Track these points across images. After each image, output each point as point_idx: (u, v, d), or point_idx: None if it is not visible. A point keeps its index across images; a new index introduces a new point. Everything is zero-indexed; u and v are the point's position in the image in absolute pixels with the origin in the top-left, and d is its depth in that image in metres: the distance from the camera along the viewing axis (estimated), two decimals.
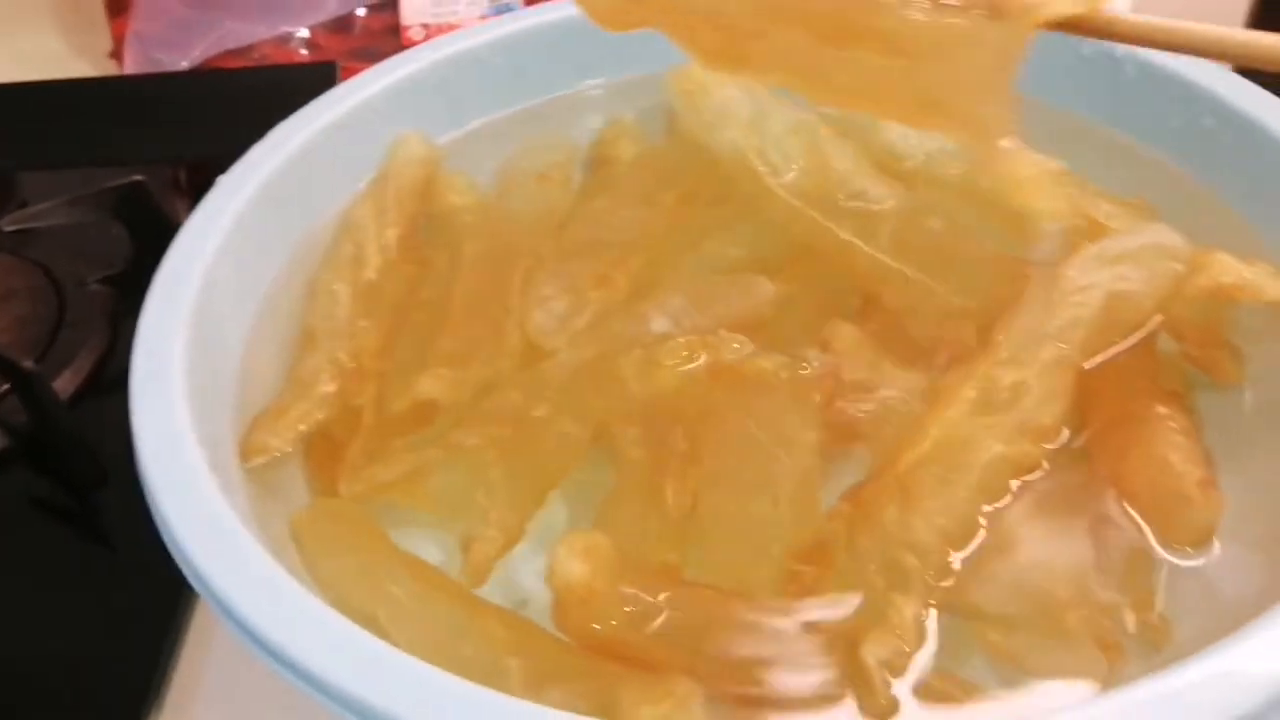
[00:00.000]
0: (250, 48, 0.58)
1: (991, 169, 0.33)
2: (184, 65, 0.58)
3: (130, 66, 0.58)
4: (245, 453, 0.31)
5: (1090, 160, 0.36)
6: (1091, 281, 0.31)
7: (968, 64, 0.28)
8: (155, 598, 0.35)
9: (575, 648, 0.27)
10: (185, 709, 0.33)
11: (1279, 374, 0.31)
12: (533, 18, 0.40)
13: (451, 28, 0.57)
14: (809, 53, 0.29)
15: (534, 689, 0.25)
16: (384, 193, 0.37)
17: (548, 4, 0.41)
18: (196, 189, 0.51)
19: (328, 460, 0.31)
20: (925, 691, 0.26)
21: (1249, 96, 0.34)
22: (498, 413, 0.31)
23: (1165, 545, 0.28)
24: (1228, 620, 0.24)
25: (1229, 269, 0.31)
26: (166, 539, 0.26)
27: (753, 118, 0.36)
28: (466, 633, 0.27)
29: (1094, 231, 0.33)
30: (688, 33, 0.31)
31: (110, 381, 0.43)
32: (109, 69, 0.60)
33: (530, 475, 0.30)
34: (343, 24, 0.58)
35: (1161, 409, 0.30)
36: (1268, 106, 0.34)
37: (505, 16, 0.40)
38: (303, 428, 0.31)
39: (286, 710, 0.31)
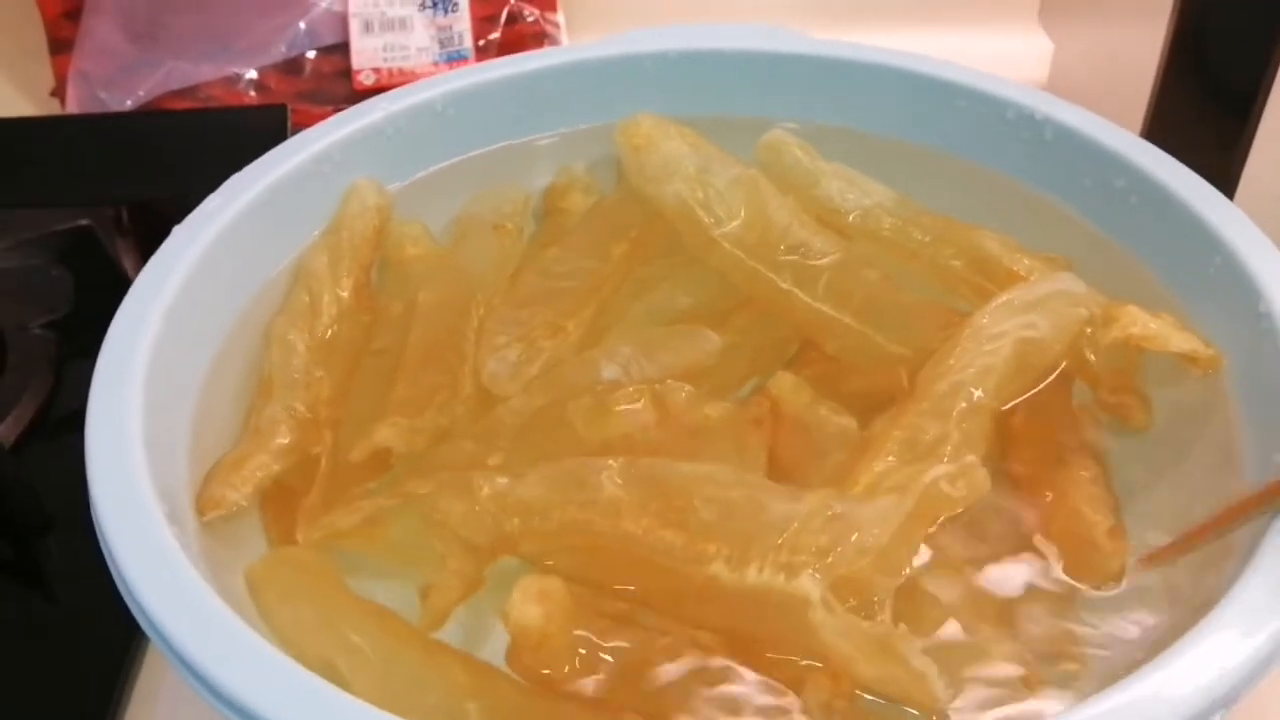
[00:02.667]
0: (197, 88, 0.58)
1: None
2: (129, 105, 0.57)
3: (73, 106, 0.57)
4: (202, 506, 0.31)
5: (1012, 217, 0.38)
6: (1002, 329, 0.32)
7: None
8: (100, 646, 0.35)
9: (534, 690, 0.27)
10: None
11: (1182, 418, 0.33)
12: (486, 72, 0.41)
13: (402, 72, 0.57)
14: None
15: None
16: (338, 241, 0.37)
17: (501, 58, 0.42)
18: (140, 231, 0.51)
19: (285, 510, 0.32)
20: None
21: (1156, 161, 0.36)
22: (452, 460, 0.32)
23: (1079, 582, 0.30)
24: (1138, 648, 0.26)
25: (1137, 320, 0.33)
26: (122, 589, 0.26)
27: (697, 171, 0.37)
28: (427, 680, 0.27)
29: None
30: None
31: (53, 427, 0.42)
32: (51, 108, 0.59)
33: None
34: (293, 66, 0.58)
35: (1075, 457, 0.32)
36: (1172, 171, 0.36)
37: (459, 70, 0.41)
38: (260, 478, 0.32)
39: None
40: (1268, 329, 0.31)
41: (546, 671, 0.27)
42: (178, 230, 0.35)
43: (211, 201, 0.36)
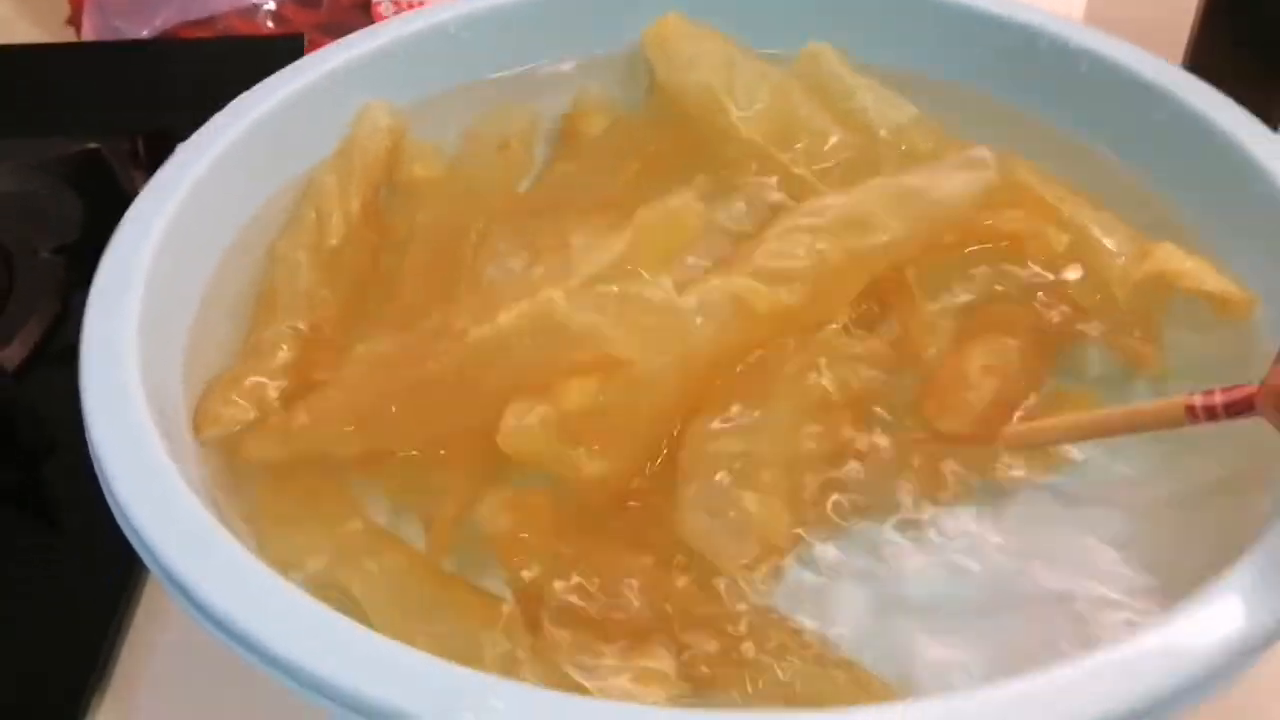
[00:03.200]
0: (214, 19, 0.57)
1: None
2: (145, 34, 0.56)
3: (89, 34, 0.56)
4: (199, 423, 0.30)
5: (1045, 156, 0.36)
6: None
7: None
8: (102, 573, 0.34)
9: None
10: (130, 689, 0.32)
11: (1196, 368, 0.31)
12: None
13: (422, 2, 0.56)
14: None
15: (508, 665, 0.25)
16: (349, 161, 0.36)
17: None
18: (155, 161, 0.49)
19: None
20: None
21: (1197, 93, 0.34)
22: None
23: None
24: None
25: (1172, 257, 0.31)
26: (116, 512, 0.25)
27: (724, 63, 0.37)
28: (442, 607, 0.26)
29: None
30: None
31: (58, 353, 0.41)
32: (67, 36, 0.58)
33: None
34: None
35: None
36: (1213, 103, 0.34)
37: None
38: (260, 396, 0.31)
39: (236, 689, 0.31)
40: None
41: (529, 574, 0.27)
42: (183, 147, 0.34)
43: (219, 119, 0.35)
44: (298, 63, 0.37)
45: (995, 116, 0.38)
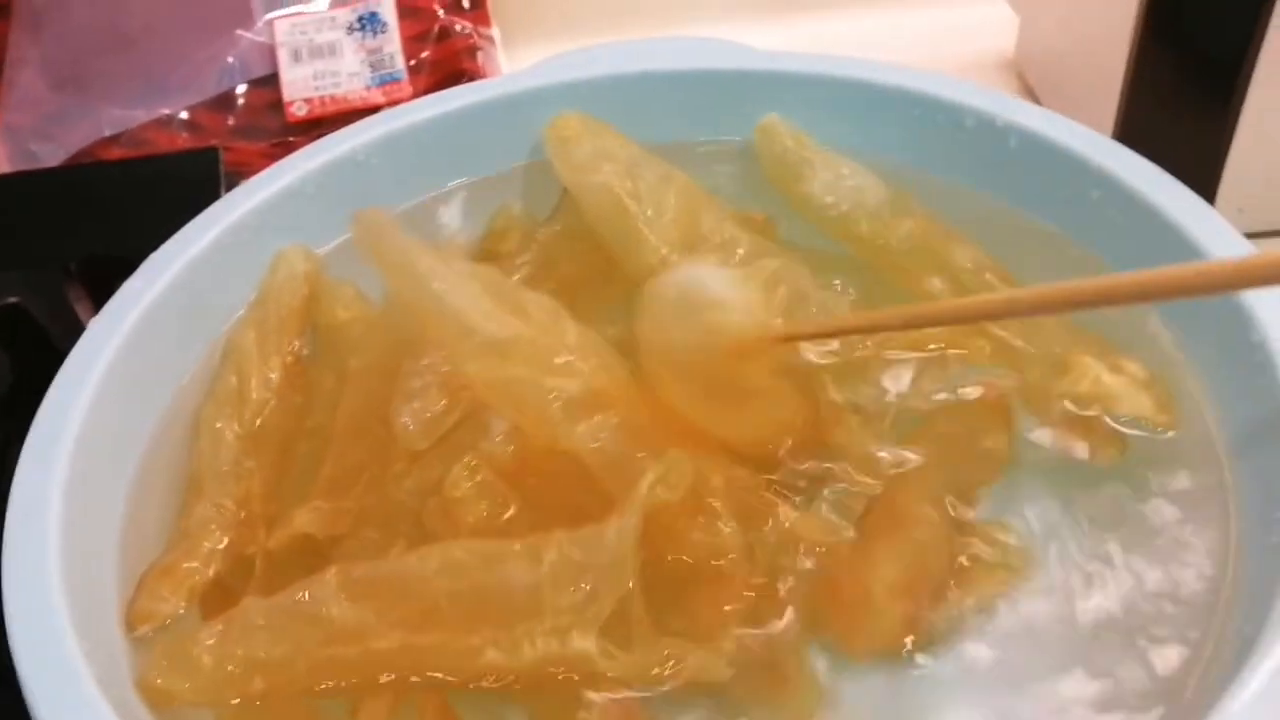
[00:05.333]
0: (129, 132, 0.56)
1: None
2: (62, 155, 0.56)
3: (3, 164, 0.55)
4: (132, 620, 0.29)
5: (987, 233, 0.36)
6: None
7: None
8: None
9: None
10: None
11: (1159, 460, 0.31)
12: (409, 115, 0.39)
13: (334, 99, 0.55)
14: None
15: None
16: (265, 315, 0.35)
17: (422, 99, 0.40)
18: (88, 290, 0.49)
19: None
20: None
21: (1132, 169, 0.34)
22: (358, 552, 0.30)
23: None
24: None
25: (1088, 374, 0.31)
26: None
27: (627, 165, 0.36)
28: None
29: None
30: None
31: None
32: None
33: None
34: (223, 102, 0.56)
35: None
36: (1149, 179, 0.33)
37: (376, 117, 0.39)
38: (192, 584, 0.30)
39: None
40: (1261, 361, 0.29)
41: None
42: (94, 323, 0.33)
43: (131, 286, 0.34)
44: (206, 213, 0.36)
45: (939, 192, 0.37)
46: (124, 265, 0.35)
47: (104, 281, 0.34)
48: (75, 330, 0.34)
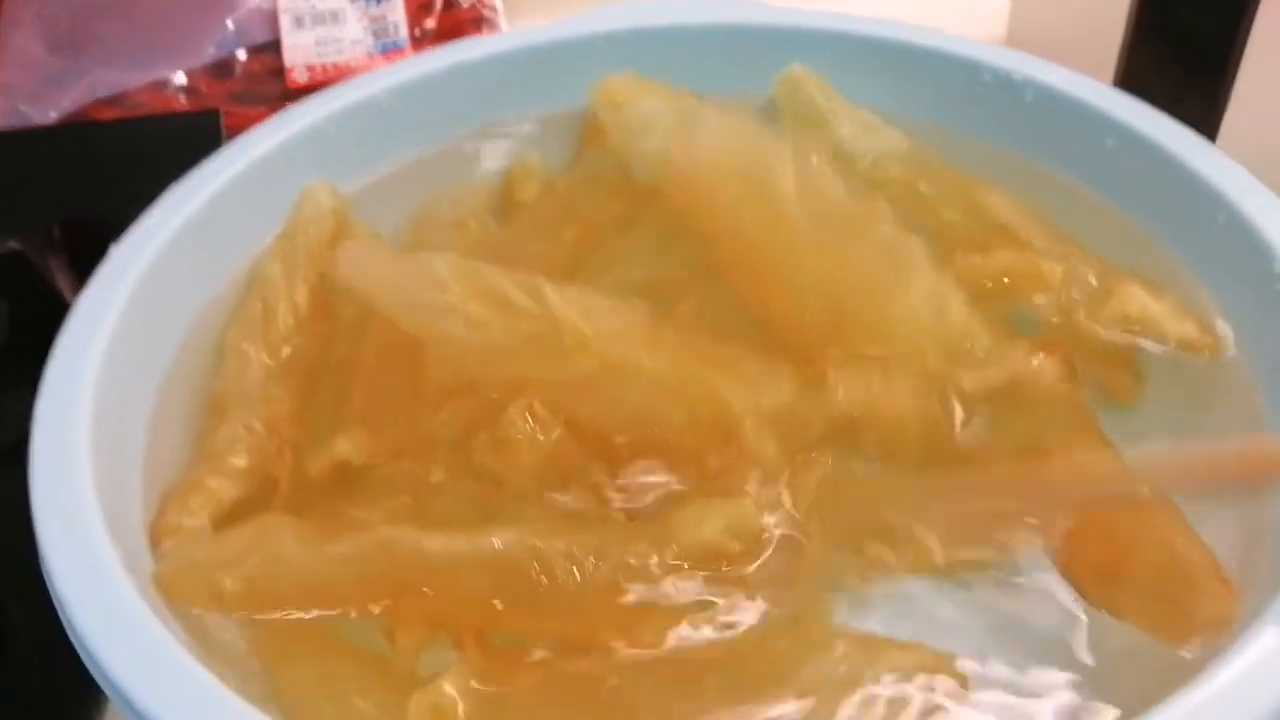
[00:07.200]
0: (124, 95, 0.56)
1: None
2: (53, 116, 0.55)
3: None
4: (156, 536, 0.29)
5: (1007, 185, 0.36)
6: None
7: None
8: (62, 709, 0.33)
9: None
10: None
11: (1173, 397, 0.32)
12: (431, 62, 0.39)
13: (336, 67, 0.55)
14: None
15: None
16: (293, 247, 0.35)
17: (447, 45, 0.40)
18: (74, 252, 0.48)
19: None
20: None
21: (1144, 118, 0.35)
22: (394, 481, 0.30)
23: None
24: None
25: (1134, 299, 0.31)
26: (79, 648, 0.24)
27: (676, 125, 0.36)
28: None
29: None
30: None
31: None
32: None
33: None
34: (222, 68, 0.56)
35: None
36: (1162, 127, 0.34)
37: (404, 62, 0.39)
38: (216, 503, 0.30)
39: None
40: None
41: None
42: (115, 250, 0.33)
43: (151, 217, 0.34)
44: (227, 148, 0.36)
45: (966, 148, 0.38)
46: (121, 226, 0.33)
47: (100, 241, 0.34)
48: (74, 282, 0.33)
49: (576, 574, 0.26)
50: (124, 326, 0.31)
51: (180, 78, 0.56)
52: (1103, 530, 0.27)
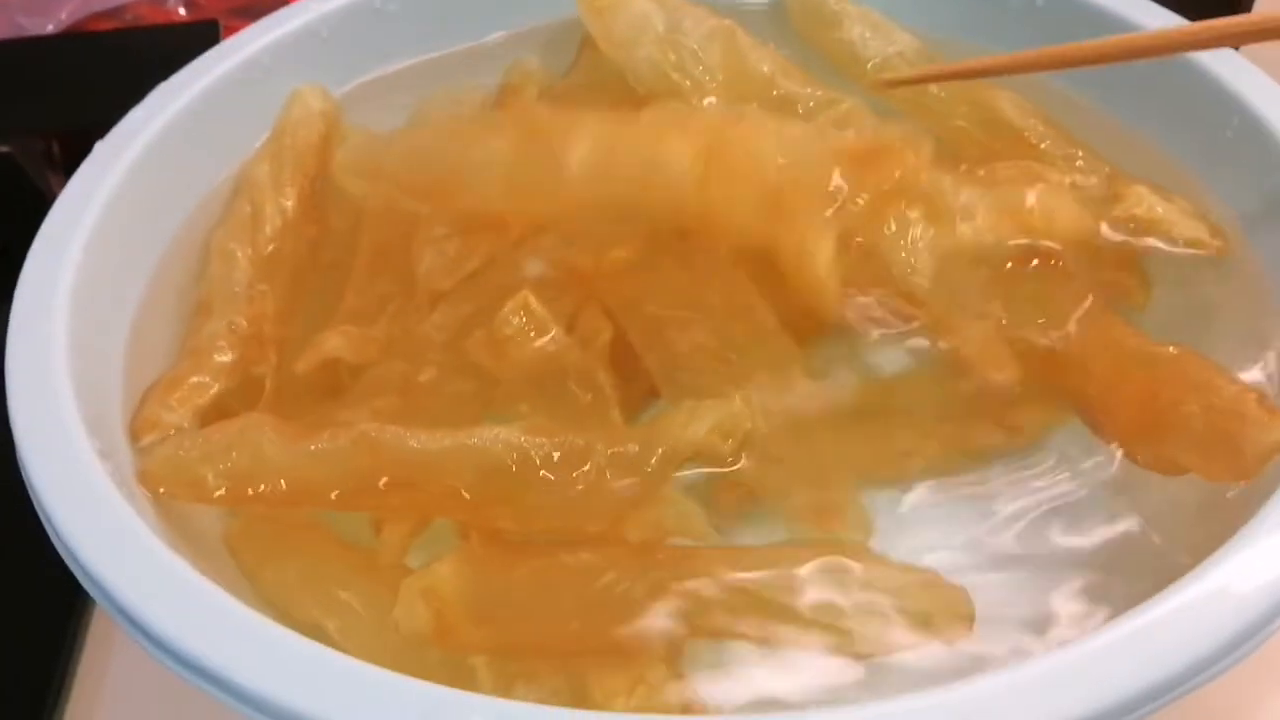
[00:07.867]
0: (122, 8, 0.55)
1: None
2: (50, 28, 0.54)
3: None
4: (136, 430, 0.28)
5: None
6: None
7: None
8: (44, 604, 0.32)
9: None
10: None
11: (1177, 302, 0.31)
12: None
13: None
14: None
15: (503, 687, 0.24)
16: (280, 149, 0.34)
17: None
18: (70, 161, 0.48)
19: None
20: None
21: (1158, 19, 0.34)
22: (385, 381, 0.29)
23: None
24: None
25: (1143, 201, 0.31)
26: (60, 547, 0.24)
27: (667, 30, 0.35)
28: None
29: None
30: None
31: None
32: None
33: None
34: None
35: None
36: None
37: None
38: (199, 398, 0.29)
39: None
40: None
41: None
42: (100, 146, 0.32)
43: (136, 114, 0.33)
44: (216, 49, 0.35)
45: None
46: None
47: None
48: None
49: (561, 472, 0.25)
50: (105, 223, 0.30)
51: None
52: (1137, 389, 0.27)
